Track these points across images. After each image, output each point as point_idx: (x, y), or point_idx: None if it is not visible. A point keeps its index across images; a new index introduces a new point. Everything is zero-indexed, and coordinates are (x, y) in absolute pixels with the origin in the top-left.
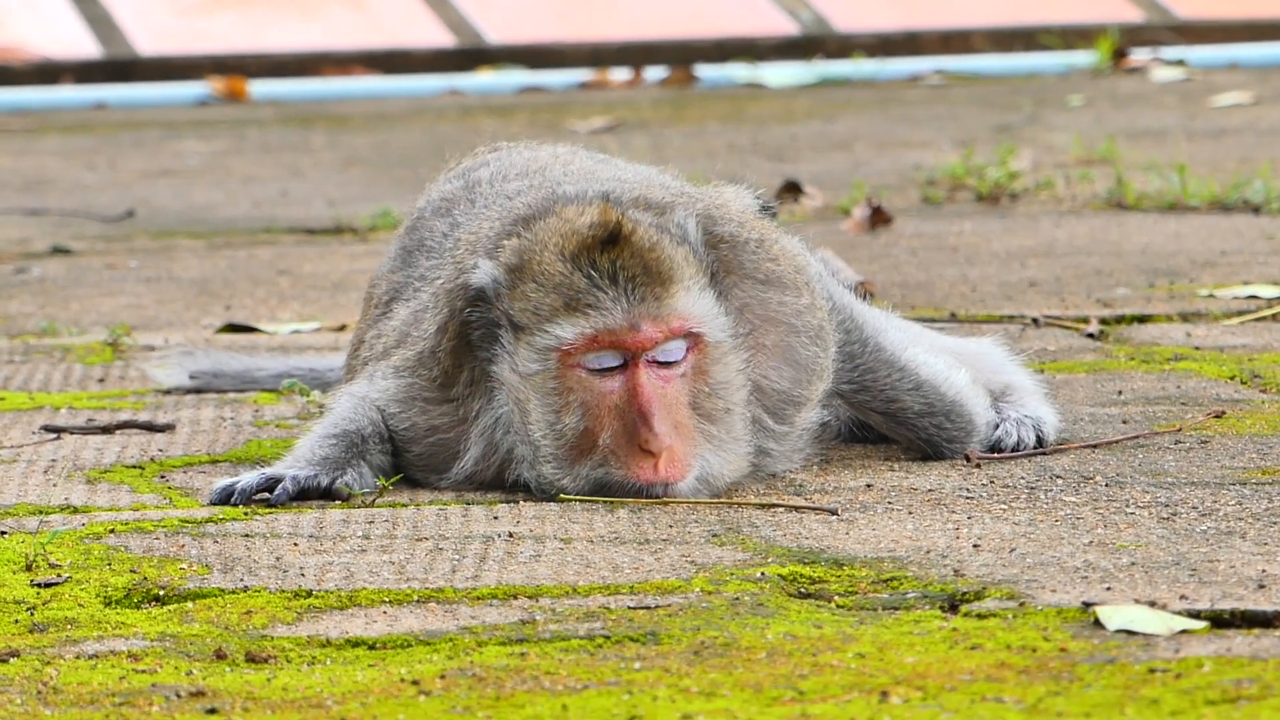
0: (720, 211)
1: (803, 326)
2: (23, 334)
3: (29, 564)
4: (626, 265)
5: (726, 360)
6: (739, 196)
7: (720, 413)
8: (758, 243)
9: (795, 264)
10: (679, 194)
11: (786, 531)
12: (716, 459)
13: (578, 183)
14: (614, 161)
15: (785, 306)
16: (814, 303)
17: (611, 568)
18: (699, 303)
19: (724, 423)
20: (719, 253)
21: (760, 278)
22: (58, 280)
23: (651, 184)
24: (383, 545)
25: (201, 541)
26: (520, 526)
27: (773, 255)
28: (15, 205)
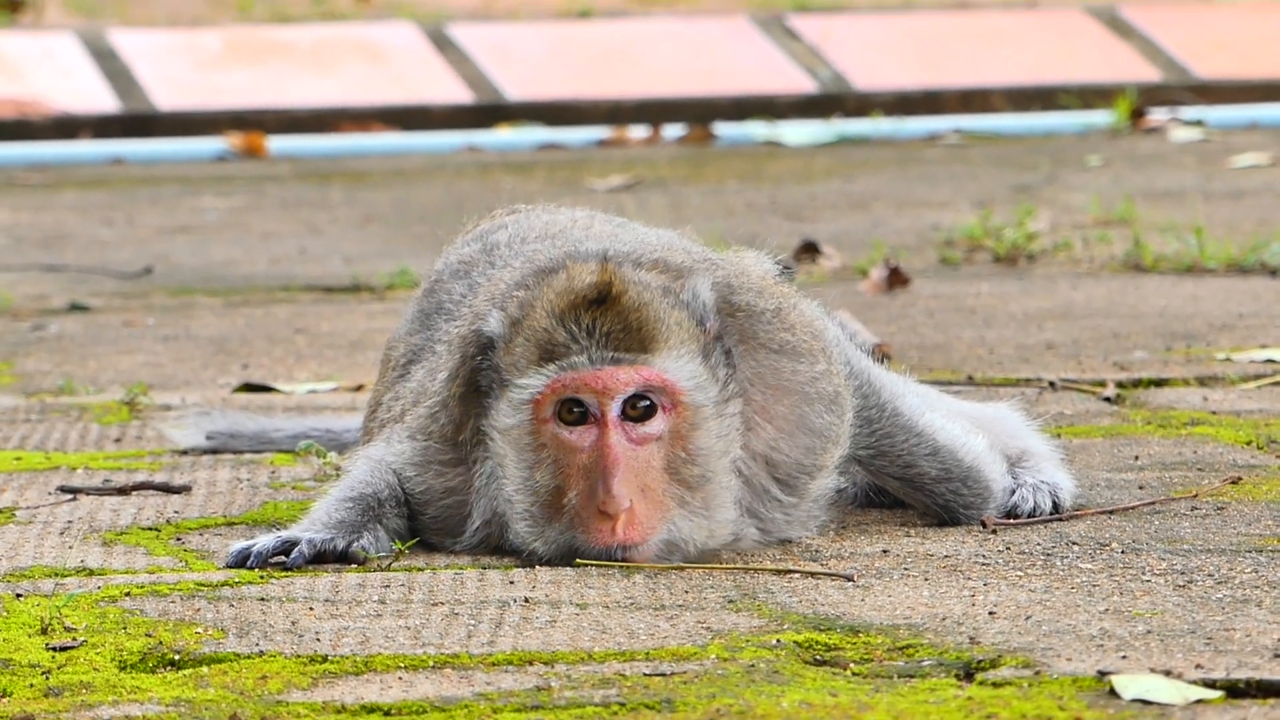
0: (739, 280)
1: (817, 394)
2: (39, 392)
3: (44, 627)
4: (608, 322)
5: (707, 427)
6: (759, 262)
7: (697, 479)
8: (774, 312)
9: (812, 330)
10: (701, 259)
11: (802, 598)
12: (689, 525)
13: (600, 243)
14: (634, 226)
15: (799, 375)
16: (830, 369)
17: (627, 634)
18: (683, 367)
19: (702, 490)
20: (735, 321)
21: (774, 347)
22: (75, 337)
23: (673, 248)
24: (398, 610)
25: (217, 605)
26: (536, 591)
27: (789, 324)
28: (33, 261)
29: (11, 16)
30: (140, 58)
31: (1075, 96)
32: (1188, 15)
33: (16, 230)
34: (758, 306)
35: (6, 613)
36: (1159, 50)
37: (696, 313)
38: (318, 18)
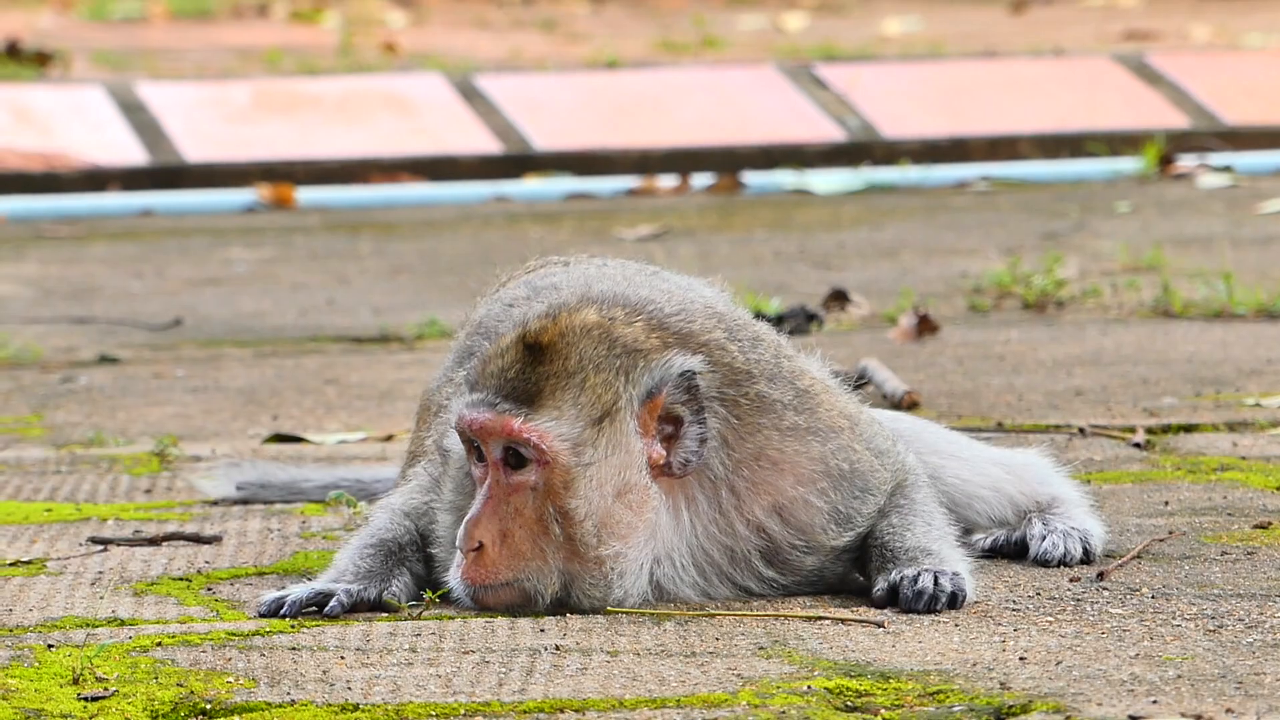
0: (758, 367)
1: (825, 473)
2: (70, 444)
3: (76, 677)
4: (514, 370)
5: (576, 489)
6: (819, 368)
7: (563, 538)
8: (785, 403)
9: (840, 411)
10: (732, 333)
11: (833, 644)
12: (550, 578)
13: (618, 287)
14: (694, 283)
15: (802, 456)
16: (850, 444)
17: (658, 681)
18: (561, 428)
19: (569, 548)
20: (730, 402)
21: (785, 427)
22: (105, 389)
23: (715, 313)
24: (429, 658)
25: (248, 654)
26: (566, 639)
27: (808, 406)
28: (62, 313)
29: (40, 70)
30: (169, 110)
31: (1103, 143)
32: (1215, 62)
33: (46, 283)
34: (770, 397)
35: (38, 663)
36: (1187, 97)
37: (646, 385)
38: (345, 70)
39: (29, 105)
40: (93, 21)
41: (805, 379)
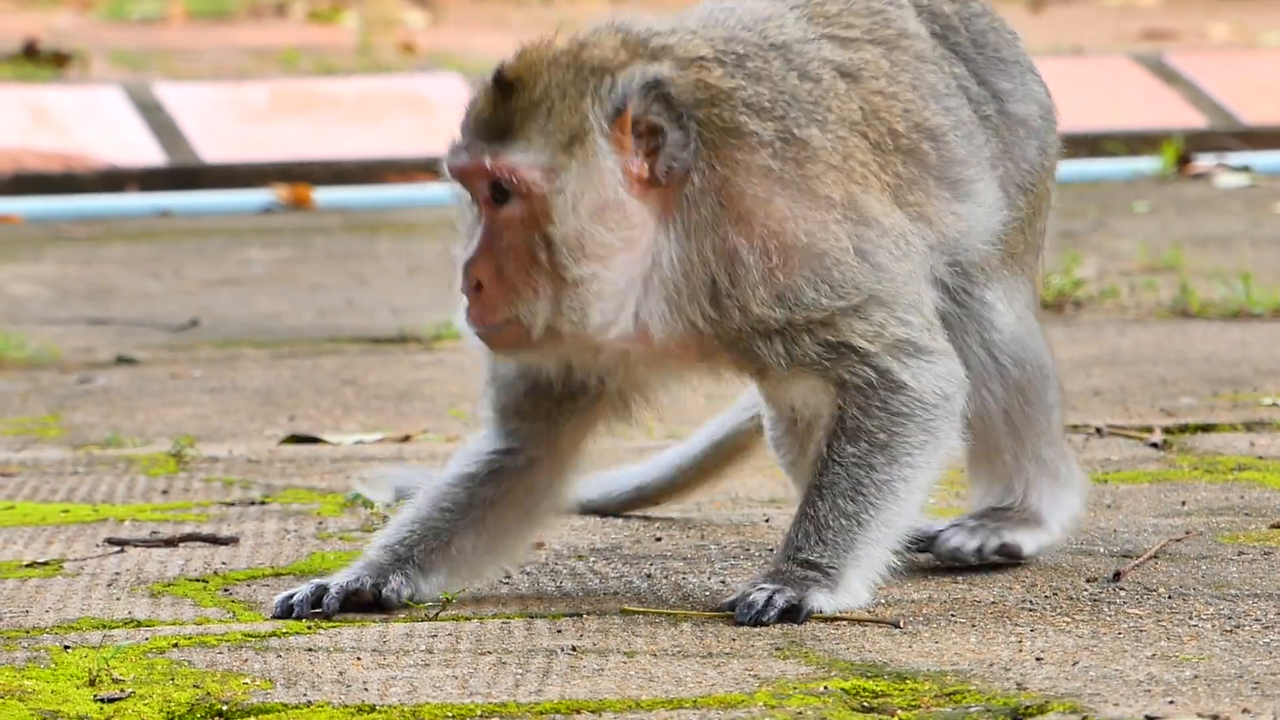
0: (743, 94)
1: (781, 233)
2: (87, 444)
3: (92, 679)
4: (489, 110)
5: (553, 214)
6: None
7: (549, 265)
8: (763, 141)
9: (846, 192)
10: (725, 56)
11: (850, 644)
12: (543, 309)
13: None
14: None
15: (761, 205)
16: (828, 224)
17: (675, 681)
18: (534, 158)
19: (555, 275)
20: (707, 119)
21: (756, 166)
22: (122, 390)
23: (720, 35)
24: (446, 659)
25: (265, 656)
26: (583, 640)
27: (795, 158)
28: (80, 314)
29: (58, 71)
30: (186, 111)
31: (1122, 143)
32: (1233, 61)
33: (64, 283)
34: (744, 126)
35: (55, 664)
36: (1205, 96)
37: (613, 101)
38: (363, 70)
39: (47, 106)
40: (110, 21)
41: (817, 136)
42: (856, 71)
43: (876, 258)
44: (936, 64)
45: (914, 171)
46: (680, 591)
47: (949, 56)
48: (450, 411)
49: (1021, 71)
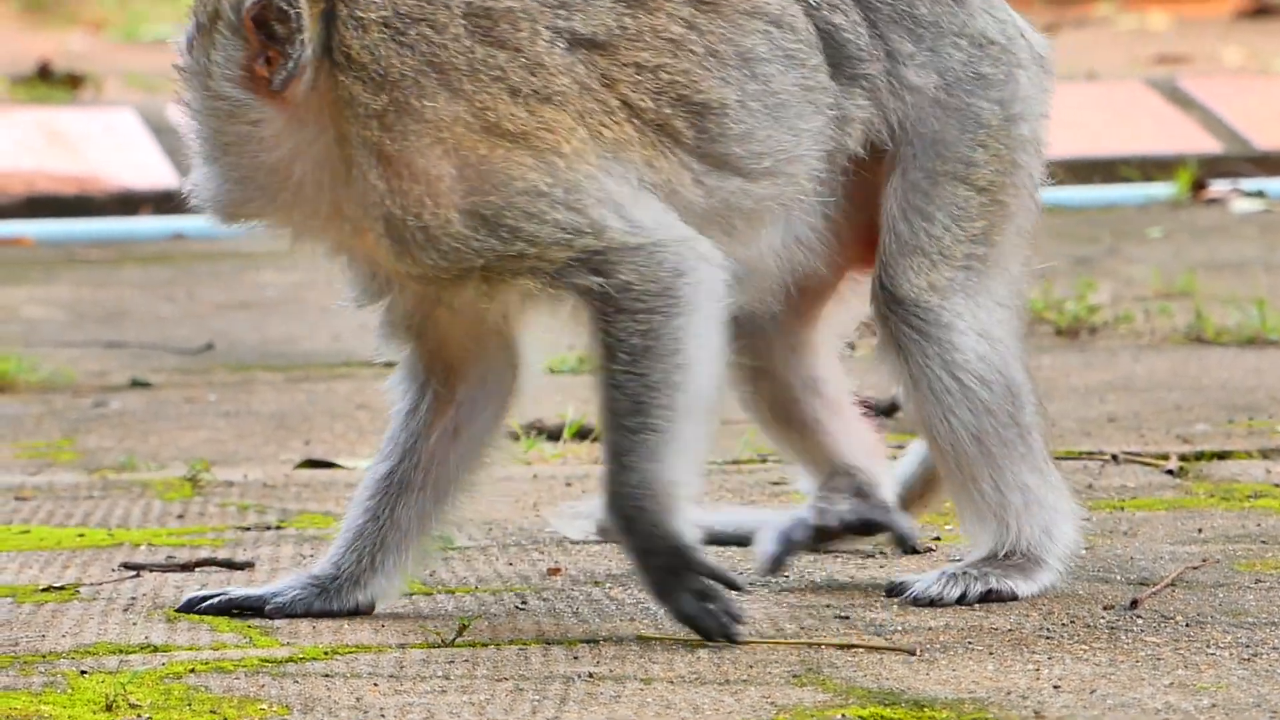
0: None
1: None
2: (102, 469)
3: (109, 704)
4: None
5: (187, 90)
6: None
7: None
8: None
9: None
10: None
11: (867, 672)
12: (203, 181)
13: None
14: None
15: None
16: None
17: (692, 709)
18: (185, 31)
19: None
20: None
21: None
22: (137, 414)
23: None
24: (463, 685)
25: (282, 681)
26: (600, 667)
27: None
28: (94, 337)
29: (72, 92)
30: None
31: (1136, 168)
32: (1247, 87)
33: (78, 306)
34: (357, 92)
35: (71, 689)
36: (1219, 122)
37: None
38: None
39: (61, 127)
40: (124, 43)
41: (440, 108)
42: (605, 40)
43: (502, 222)
44: (777, 23)
45: (657, 142)
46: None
47: (826, 2)
48: None
49: (935, 38)
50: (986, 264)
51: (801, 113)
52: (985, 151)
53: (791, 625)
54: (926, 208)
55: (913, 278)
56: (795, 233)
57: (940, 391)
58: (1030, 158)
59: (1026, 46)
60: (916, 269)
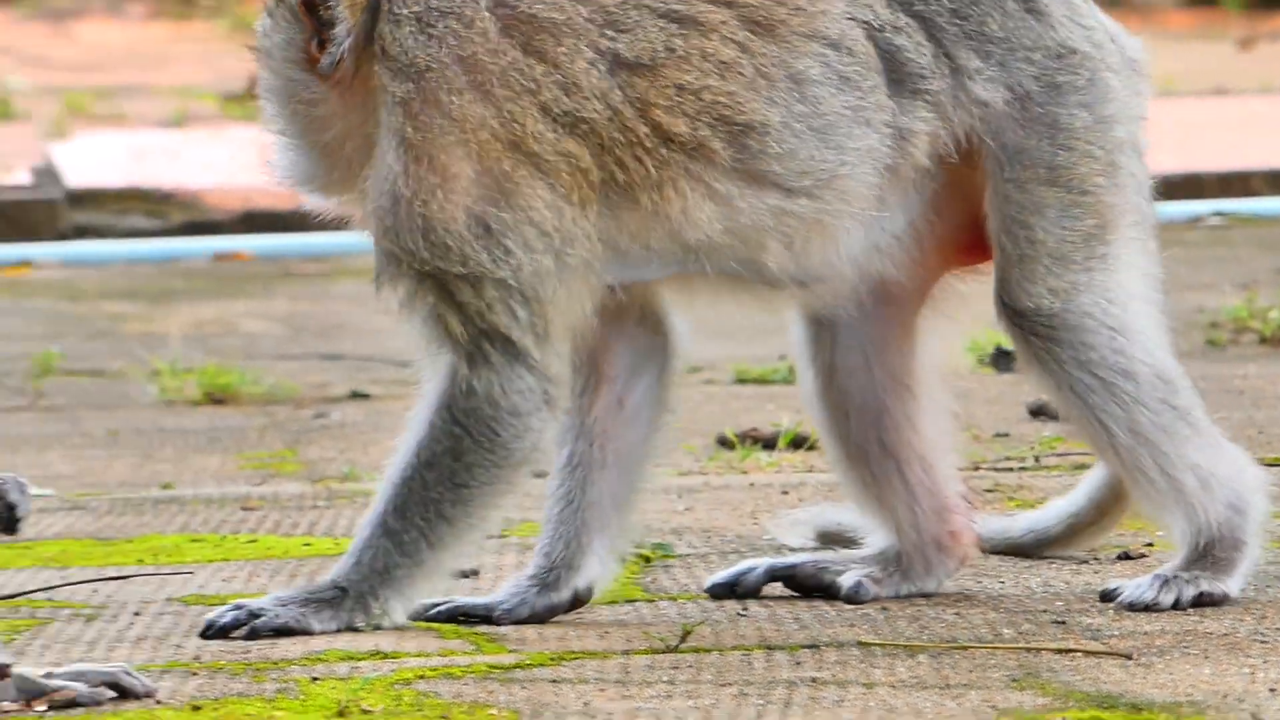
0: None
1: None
2: (325, 479)
3: (341, 710)
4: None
5: (258, 66)
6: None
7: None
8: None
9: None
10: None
11: (1084, 676)
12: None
13: None
14: None
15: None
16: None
17: (914, 713)
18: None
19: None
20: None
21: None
22: (357, 425)
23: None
24: (688, 690)
25: (510, 687)
26: (823, 672)
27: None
28: (313, 350)
29: None
30: None
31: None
32: None
33: (295, 320)
34: (386, 80)
35: (304, 695)
36: None
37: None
38: None
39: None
40: None
41: (465, 109)
42: (650, 63)
43: (503, 240)
44: (834, 46)
45: (684, 169)
46: (917, 623)
47: (889, 23)
48: (682, 446)
49: (1005, 53)
50: (1108, 262)
51: (851, 133)
52: (1074, 154)
53: (1009, 630)
54: (1022, 216)
55: (1028, 287)
56: (875, 241)
57: (1084, 392)
58: (1129, 158)
59: (1117, 51)
60: (1029, 277)
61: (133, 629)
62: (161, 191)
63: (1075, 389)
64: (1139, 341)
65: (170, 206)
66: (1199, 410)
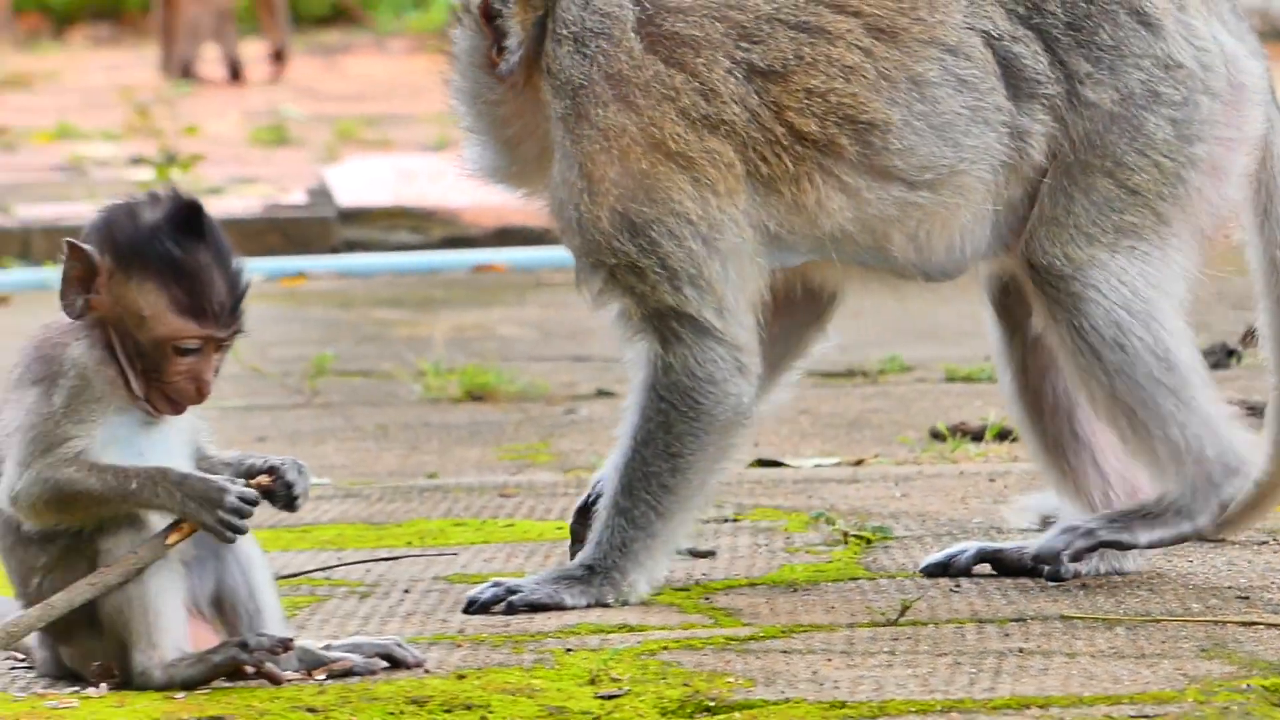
0: (583, 23)
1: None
2: (574, 468)
3: (592, 678)
4: None
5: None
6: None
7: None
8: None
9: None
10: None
11: (1268, 646)
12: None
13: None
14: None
15: (567, 140)
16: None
17: (1112, 680)
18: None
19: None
20: (559, 36)
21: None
22: (602, 419)
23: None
24: (907, 660)
25: (745, 657)
26: (1029, 643)
27: (599, 100)
28: (562, 352)
29: None
30: None
31: None
32: None
33: (546, 325)
34: (545, 88)
35: (558, 665)
36: None
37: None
38: None
39: None
40: None
41: (611, 118)
42: (782, 70)
43: (647, 232)
44: (952, 51)
45: (817, 164)
46: (1113, 599)
47: (1008, 33)
48: (898, 439)
49: (1115, 59)
50: (1135, 253)
51: (969, 131)
52: (1144, 160)
53: (1198, 605)
54: (1069, 189)
55: (1048, 246)
56: (1004, 236)
57: (1073, 353)
58: (1201, 176)
59: (1224, 76)
60: (1052, 239)
61: (403, 605)
62: (424, 209)
63: (1067, 348)
64: (1141, 320)
65: (432, 223)
66: (1197, 389)
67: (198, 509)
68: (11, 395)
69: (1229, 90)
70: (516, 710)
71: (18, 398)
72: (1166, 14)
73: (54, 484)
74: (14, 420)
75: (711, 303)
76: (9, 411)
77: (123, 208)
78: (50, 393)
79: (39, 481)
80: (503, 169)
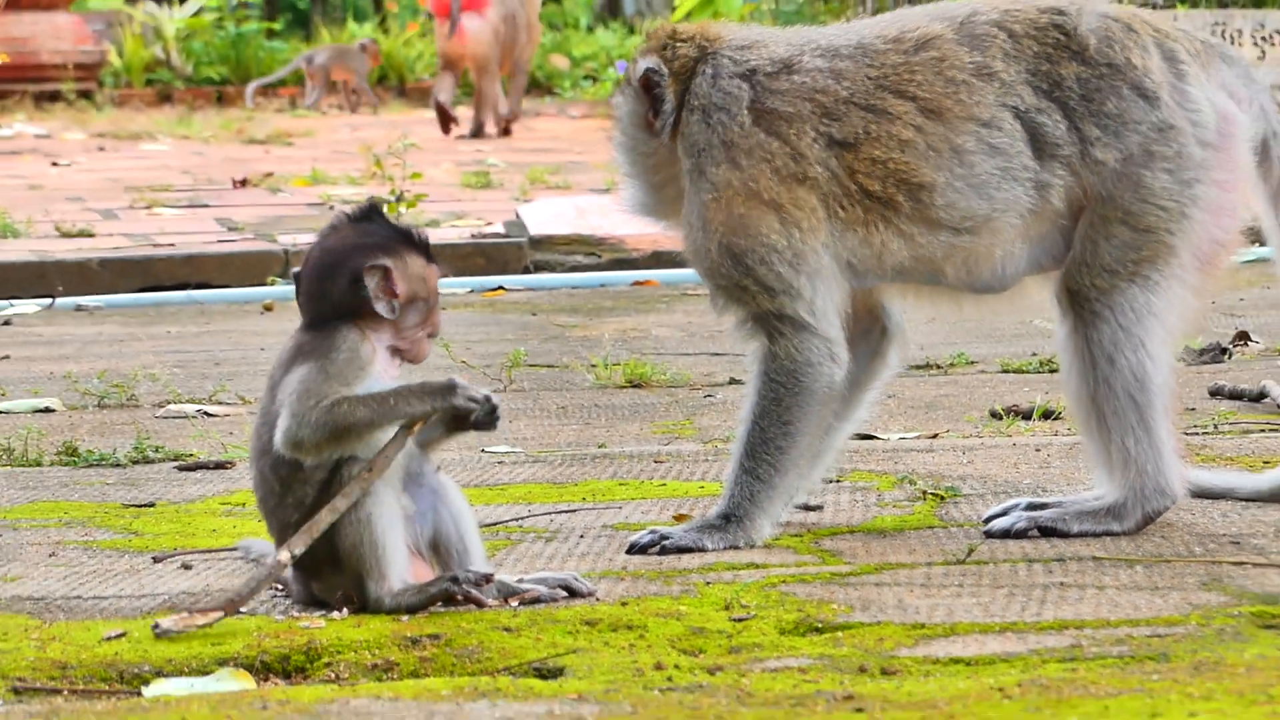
0: (711, 99)
1: (704, 217)
2: (713, 440)
3: (727, 605)
4: None
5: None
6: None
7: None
8: (711, 139)
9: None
10: (722, 69)
11: (1255, 581)
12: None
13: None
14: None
15: (692, 190)
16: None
17: (1133, 607)
18: (617, 88)
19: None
20: (692, 106)
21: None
22: (734, 402)
23: (756, 55)
24: (973, 591)
25: (845, 589)
26: (1068, 578)
27: (726, 159)
28: (703, 349)
29: None
30: None
31: None
32: None
33: (690, 328)
34: (708, 119)
35: (700, 595)
36: None
37: (640, 68)
38: None
39: None
40: None
41: (722, 175)
42: (853, 142)
43: (743, 260)
44: (986, 125)
45: (880, 215)
46: (1133, 544)
47: (1033, 106)
48: (965, 418)
49: (1119, 125)
50: (1149, 282)
51: (1000, 187)
52: (1148, 206)
53: (1200, 548)
54: (1095, 237)
55: (1079, 278)
56: (1038, 259)
57: (1074, 358)
58: (1202, 213)
59: (1215, 128)
60: (1084, 274)
61: (578, 547)
62: (596, 237)
63: (1078, 352)
64: (1134, 344)
65: (602, 248)
66: (1158, 414)
67: (442, 400)
68: (281, 372)
69: (1219, 139)
70: (667, 630)
71: (291, 372)
72: (1162, 86)
73: (329, 423)
74: (289, 386)
75: (804, 306)
76: (286, 380)
77: (349, 228)
78: (323, 364)
79: (317, 425)
80: (650, 206)
